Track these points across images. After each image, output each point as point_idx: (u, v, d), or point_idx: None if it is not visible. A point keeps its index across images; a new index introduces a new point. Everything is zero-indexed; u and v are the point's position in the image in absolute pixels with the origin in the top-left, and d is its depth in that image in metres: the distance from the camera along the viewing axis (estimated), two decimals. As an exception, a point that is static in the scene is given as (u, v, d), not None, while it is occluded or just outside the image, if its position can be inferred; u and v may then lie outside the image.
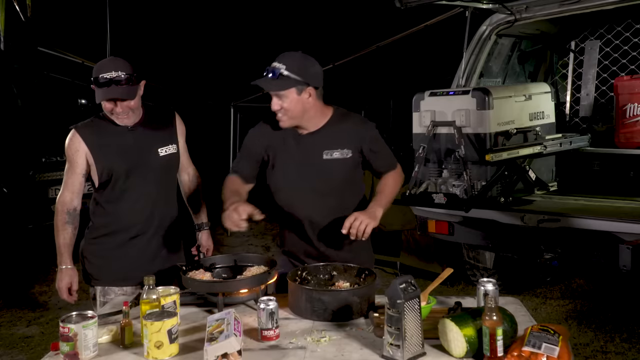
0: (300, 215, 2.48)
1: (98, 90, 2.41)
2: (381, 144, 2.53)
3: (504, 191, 3.78)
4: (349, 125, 2.48)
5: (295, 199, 2.48)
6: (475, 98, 3.62)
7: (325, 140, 2.43)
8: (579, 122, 4.94)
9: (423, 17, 6.25)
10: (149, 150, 2.56)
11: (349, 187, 2.52)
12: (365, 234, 2.28)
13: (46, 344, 4.08)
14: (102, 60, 2.51)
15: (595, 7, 3.97)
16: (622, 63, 4.69)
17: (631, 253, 3.31)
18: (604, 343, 4.00)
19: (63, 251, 2.52)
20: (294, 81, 2.30)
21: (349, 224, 2.27)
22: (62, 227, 2.52)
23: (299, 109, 2.35)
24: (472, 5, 4.21)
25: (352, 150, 2.44)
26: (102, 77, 2.38)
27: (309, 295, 2.09)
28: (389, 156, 2.58)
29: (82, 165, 2.51)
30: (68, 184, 2.54)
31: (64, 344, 1.80)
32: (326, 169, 2.43)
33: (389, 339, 1.74)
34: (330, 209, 2.43)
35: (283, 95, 2.32)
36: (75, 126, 2.54)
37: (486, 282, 1.98)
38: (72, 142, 2.51)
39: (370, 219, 2.30)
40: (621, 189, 4.03)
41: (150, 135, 2.57)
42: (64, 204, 2.53)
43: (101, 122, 2.55)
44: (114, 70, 2.39)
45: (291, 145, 2.46)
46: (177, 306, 2.06)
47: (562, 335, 1.72)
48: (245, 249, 6.73)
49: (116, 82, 2.38)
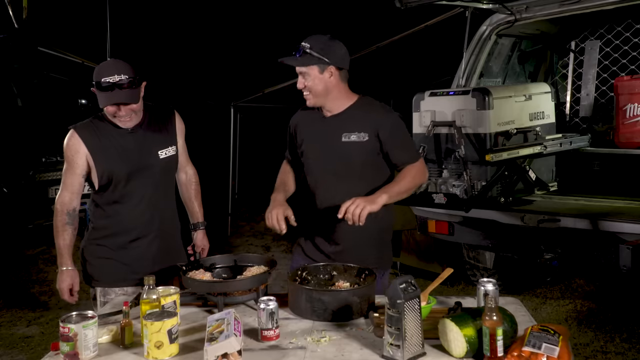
0: (323, 199, 2.50)
1: (100, 94, 2.37)
2: (402, 134, 2.50)
3: (504, 191, 3.78)
4: (370, 111, 2.50)
5: (319, 182, 2.52)
6: (475, 98, 3.63)
7: (345, 123, 2.47)
8: (579, 122, 4.94)
9: (423, 18, 6.24)
10: (149, 153, 2.54)
11: (371, 172, 2.48)
12: (361, 218, 2.24)
13: (46, 344, 4.08)
14: (103, 63, 2.48)
15: (596, 7, 3.97)
16: (622, 63, 4.70)
17: (631, 253, 3.31)
18: (604, 343, 4.00)
19: (63, 252, 2.49)
20: (317, 59, 2.38)
21: (344, 208, 2.25)
22: (62, 228, 2.49)
23: (321, 88, 2.42)
24: (472, 5, 4.22)
25: (368, 134, 2.44)
26: (105, 81, 2.34)
27: (309, 295, 2.09)
28: (410, 149, 2.54)
29: (81, 166, 2.49)
30: (67, 184, 2.51)
31: (64, 344, 1.80)
32: (345, 151, 2.45)
33: (389, 339, 1.74)
34: (352, 195, 2.34)
35: (306, 73, 2.41)
36: (74, 126, 2.50)
37: (486, 282, 1.98)
38: (72, 142, 2.48)
39: (367, 203, 2.25)
40: (621, 189, 4.03)
41: (150, 137, 2.55)
42: (63, 205, 2.50)
43: (101, 124, 2.51)
44: (116, 73, 2.35)
45: (316, 127, 2.53)
46: (177, 306, 2.06)
47: (562, 335, 1.72)
48: (245, 249, 6.73)
49: (119, 86, 2.35)
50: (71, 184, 2.50)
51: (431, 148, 3.79)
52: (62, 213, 2.49)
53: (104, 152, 2.48)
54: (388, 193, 2.36)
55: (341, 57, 2.46)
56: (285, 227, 2.37)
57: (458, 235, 4.14)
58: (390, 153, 2.47)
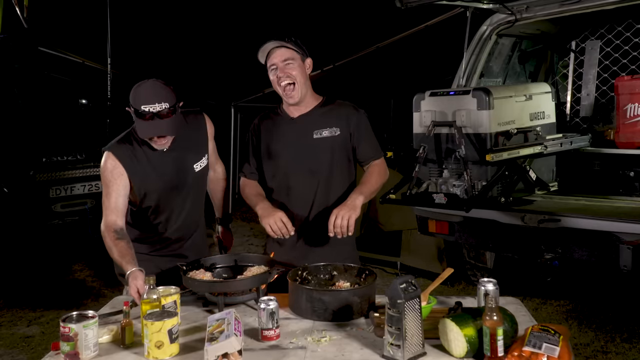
0: (297, 198, 2.53)
1: (140, 122, 2.29)
2: (368, 131, 2.59)
3: (505, 191, 3.77)
4: (338, 107, 2.57)
5: (291, 181, 2.54)
6: (475, 98, 3.62)
7: (315, 120, 2.53)
8: (579, 122, 4.93)
9: (423, 17, 6.25)
10: (185, 170, 2.51)
11: (343, 167, 2.55)
12: (350, 229, 2.32)
13: (47, 344, 4.08)
14: (142, 86, 2.31)
15: (596, 7, 3.97)
16: (623, 63, 4.69)
17: (632, 253, 3.31)
18: (604, 343, 4.00)
19: (122, 261, 2.26)
20: (300, 48, 2.46)
21: (332, 226, 2.31)
22: (113, 243, 2.30)
23: (305, 79, 2.48)
24: (472, 5, 4.21)
25: (340, 128, 2.51)
26: (145, 110, 2.24)
27: (310, 295, 2.09)
28: (374, 145, 2.62)
29: (123, 187, 2.39)
30: (110, 207, 2.37)
31: (65, 343, 1.80)
32: (317, 148, 2.50)
33: (390, 338, 1.74)
34: (326, 192, 2.50)
35: (291, 58, 2.43)
36: (109, 148, 2.41)
37: (487, 282, 1.98)
38: (109, 165, 2.39)
39: (350, 211, 2.33)
40: (622, 189, 4.03)
41: (185, 153, 2.51)
42: (108, 225, 2.34)
43: (135, 142, 2.43)
44: (157, 102, 2.25)
45: (283, 129, 2.55)
46: (177, 306, 2.06)
47: (563, 335, 1.72)
48: (245, 249, 6.73)
49: (160, 116, 2.26)
50: (115, 206, 2.37)
51: (431, 148, 3.79)
52: (110, 231, 2.33)
53: (140, 172, 2.42)
54: (363, 194, 2.43)
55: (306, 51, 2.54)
56: (292, 227, 2.39)
57: (458, 235, 4.14)
58: (357, 148, 2.55)
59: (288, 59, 2.43)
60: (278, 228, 2.38)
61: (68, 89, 7.26)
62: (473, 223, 3.98)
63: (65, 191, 6.15)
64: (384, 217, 5.61)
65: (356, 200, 2.37)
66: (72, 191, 6.20)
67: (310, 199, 2.52)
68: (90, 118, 7.16)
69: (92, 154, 6.34)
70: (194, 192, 2.59)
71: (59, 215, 6.08)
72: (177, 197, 2.53)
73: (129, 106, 2.31)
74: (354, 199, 2.38)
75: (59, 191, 6.12)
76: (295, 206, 2.54)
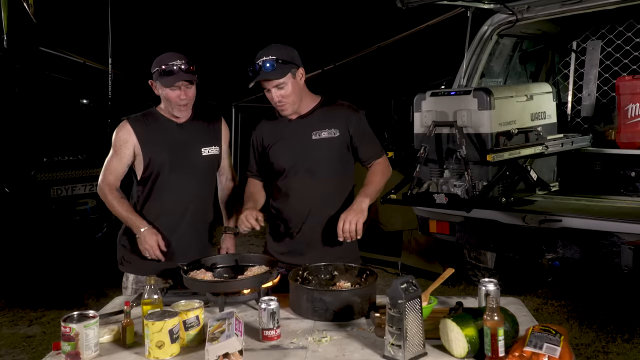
0: (297, 199, 2.53)
1: (165, 78, 2.50)
2: (368, 130, 2.59)
3: (506, 191, 3.77)
4: (337, 108, 2.57)
5: (292, 183, 2.54)
6: (476, 98, 3.62)
7: (314, 122, 2.53)
8: (580, 122, 4.93)
9: (424, 17, 6.25)
10: (193, 148, 2.64)
11: (342, 168, 2.56)
12: (359, 232, 2.34)
13: (48, 344, 4.09)
14: (161, 55, 2.59)
15: (597, 7, 3.97)
16: (624, 63, 4.69)
17: (633, 253, 3.31)
18: (605, 343, 4.00)
19: (133, 217, 2.55)
20: (289, 66, 2.42)
21: (341, 232, 2.32)
22: (117, 201, 2.56)
23: (297, 92, 2.47)
24: (473, 5, 4.21)
25: (339, 130, 2.51)
26: (169, 64, 2.49)
27: (310, 295, 2.09)
28: (375, 144, 2.62)
29: (127, 156, 2.59)
30: (112, 169, 2.60)
31: (66, 343, 1.80)
32: (317, 149, 2.50)
33: (390, 339, 1.74)
34: (327, 193, 2.51)
35: (283, 83, 2.41)
36: (127, 117, 2.63)
37: (487, 282, 1.98)
38: (123, 132, 2.59)
39: (357, 215, 2.34)
40: (623, 190, 4.03)
41: (196, 134, 2.66)
42: (110, 185, 2.58)
43: (151, 116, 2.65)
44: (177, 59, 2.51)
45: (283, 131, 2.56)
46: (200, 321, 1.92)
47: (564, 335, 1.72)
48: (246, 249, 6.73)
49: (181, 69, 2.51)
50: (115, 169, 2.60)
51: (432, 148, 3.79)
52: (112, 190, 2.58)
53: (151, 142, 2.59)
54: (369, 196, 2.44)
55: (298, 57, 2.51)
56: (257, 224, 2.41)
57: (459, 236, 4.14)
58: (359, 148, 2.55)
59: (280, 84, 2.43)
60: (246, 224, 2.41)
61: (69, 89, 7.26)
62: (474, 223, 3.98)
63: (66, 191, 6.15)
64: (384, 217, 5.61)
65: (362, 204, 2.38)
66: (73, 191, 6.20)
67: (310, 199, 2.52)
68: (91, 118, 7.15)
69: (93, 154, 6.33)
70: (199, 177, 2.65)
71: (60, 215, 6.08)
72: (180, 175, 2.59)
73: (151, 78, 2.54)
74: (360, 202, 2.39)
75: (60, 191, 6.12)
76: (295, 207, 2.54)
